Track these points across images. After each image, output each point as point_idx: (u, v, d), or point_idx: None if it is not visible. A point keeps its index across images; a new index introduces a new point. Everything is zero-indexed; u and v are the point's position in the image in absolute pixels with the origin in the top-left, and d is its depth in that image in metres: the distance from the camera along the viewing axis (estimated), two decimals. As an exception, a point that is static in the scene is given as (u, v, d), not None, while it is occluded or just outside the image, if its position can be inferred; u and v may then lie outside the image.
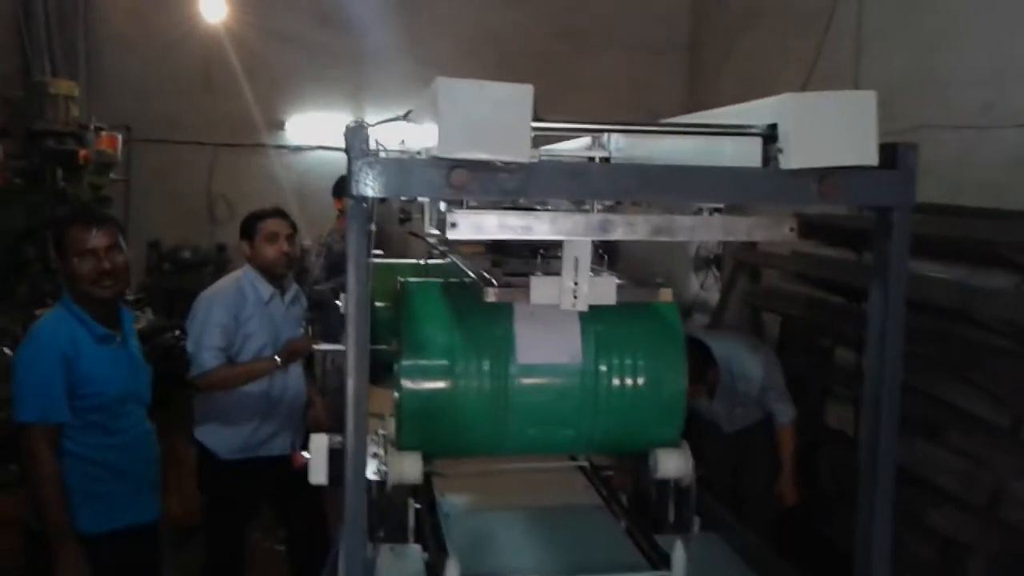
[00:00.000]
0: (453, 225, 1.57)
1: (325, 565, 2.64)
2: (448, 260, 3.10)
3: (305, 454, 2.10)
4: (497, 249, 2.88)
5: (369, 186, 1.49)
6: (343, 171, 1.54)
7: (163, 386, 4.28)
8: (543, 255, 2.73)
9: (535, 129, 1.49)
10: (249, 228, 3.73)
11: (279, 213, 3.80)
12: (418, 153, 1.77)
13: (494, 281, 2.13)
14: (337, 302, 3.54)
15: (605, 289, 1.99)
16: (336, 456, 2.07)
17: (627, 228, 1.65)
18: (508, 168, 1.48)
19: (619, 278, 2.07)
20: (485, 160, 1.44)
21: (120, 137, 5.78)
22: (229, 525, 3.73)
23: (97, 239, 2.88)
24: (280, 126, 7.99)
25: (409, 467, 2.50)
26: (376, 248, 1.75)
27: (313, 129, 7.97)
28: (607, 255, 1.98)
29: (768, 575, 2.55)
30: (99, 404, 2.85)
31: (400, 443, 2.55)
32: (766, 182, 1.55)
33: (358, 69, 7.73)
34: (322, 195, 6.53)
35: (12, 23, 6.81)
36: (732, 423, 3.82)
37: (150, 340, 4.48)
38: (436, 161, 1.47)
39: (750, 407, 3.82)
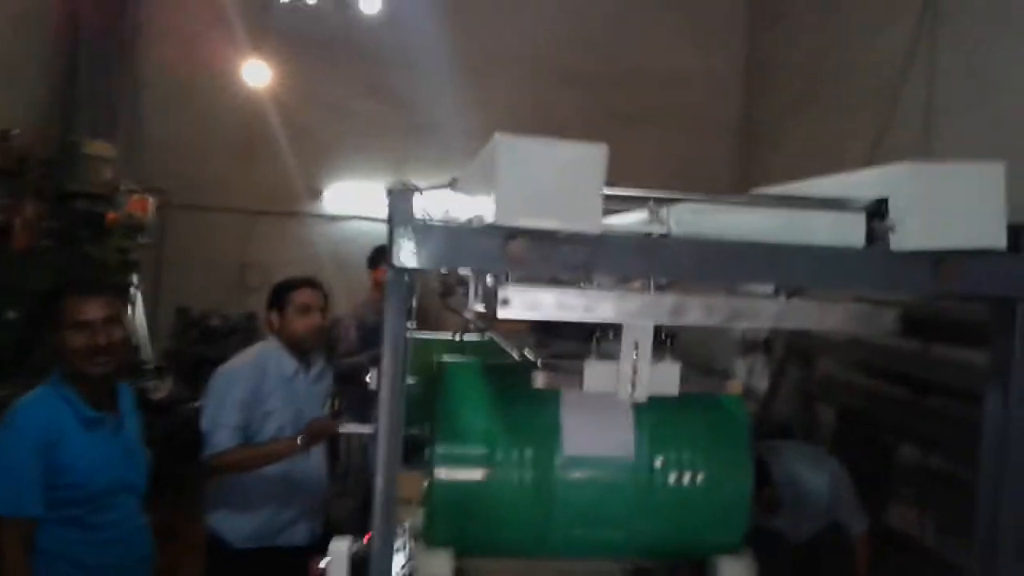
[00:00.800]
0: (505, 302, 1.41)
1: None
2: (486, 337, 2.91)
3: (323, 563, 1.87)
4: (542, 328, 2.69)
5: (413, 255, 1.31)
6: (380, 241, 1.36)
7: (178, 463, 4.10)
8: (596, 336, 2.53)
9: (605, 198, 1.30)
10: (279, 298, 3.55)
11: (312, 283, 3.62)
12: (468, 222, 1.59)
13: (540, 364, 1.92)
14: (368, 378, 3.34)
15: (667, 378, 1.79)
16: (358, 563, 1.84)
17: (703, 312, 1.48)
18: (573, 240, 1.29)
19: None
20: (547, 230, 1.26)
21: (152, 200, 5.72)
22: None
23: (93, 310, 2.64)
24: (318, 195, 7.96)
25: (439, 566, 2.26)
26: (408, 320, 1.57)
27: (352, 198, 7.94)
28: (670, 340, 1.78)
29: None
30: (80, 497, 2.56)
31: (430, 538, 2.32)
32: (873, 264, 1.36)
33: (403, 140, 7.70)
34: (358, 265, 6.40)
35: (56, 82, 6.88)
36: (798, 535, 3.55)
37: (169, 411, 4.31)
38: (491, 229, 1.29)
39: (818, 520, 3.55)
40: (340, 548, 1.87)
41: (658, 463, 2.31)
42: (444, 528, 2.32)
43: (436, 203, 1.82)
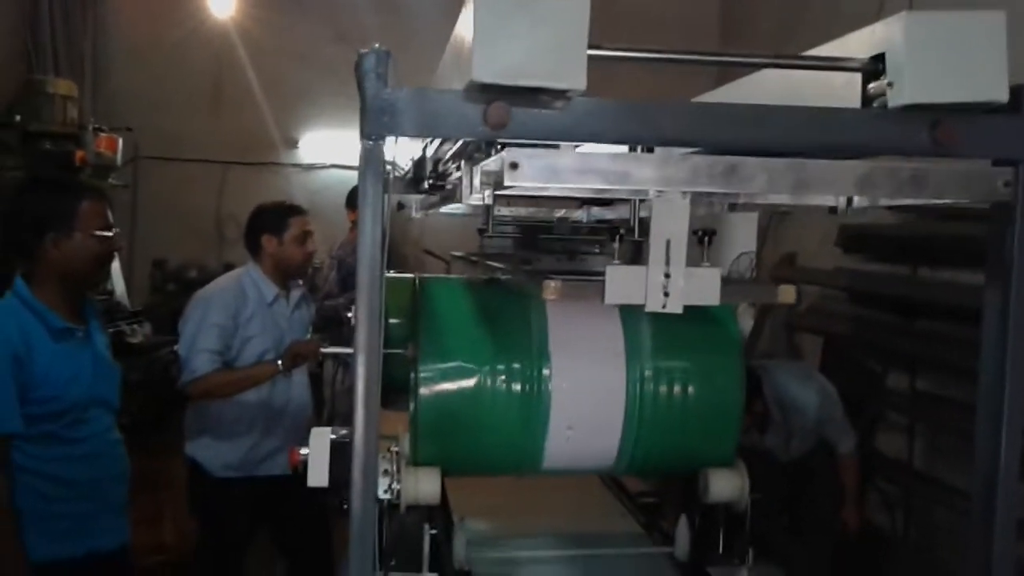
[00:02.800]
0: (514, 166, 1.23)
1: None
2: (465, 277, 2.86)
3: (303, 450, 1.81)
4: (527, 246, 2.63)
5: (386, 124, 1.24)
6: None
7: (158, 405, 4.05)
8: (619, 235, 2.49)
9: (590, 57, 1.23)
10: (278, 223, 3.44)
11: (304, 211, 3.59)
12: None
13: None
14: (349, 315, 3.28)
15: (707, 285, 1.56)
16: (339, 454, 1.77)
17: (765, 177, 1.30)
18: (556, 102, 1.22)
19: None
20: (529, 88, 1.19)
21: (120, 140, 5.57)
22: (221, 552, 3.38)
23: (108, 216, 2.58)
24: (293, 144, 7.84)
25: (425, 484, 2.22)
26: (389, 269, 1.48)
27: (327, 147, 7.80)
28: (708, 239, 1.62)
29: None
30: (54, 411, 2.46)
31: (416, 458, 2.28)
32: (869, 124, 1.30)
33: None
34: (336, 213, 6.31)
35: (20, 34, 6.69)
36: (788, 454, 3.54)
37: (147, 354, 4.24)
38: (471, 94, 1.22)
39: (807, 438, 3.54)
40: (322, 436, 1.81)
41: (649, 374, 2.27)
42: (430, 447, 2.28)
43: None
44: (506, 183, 1.23)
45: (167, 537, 4.05)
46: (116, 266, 5.98)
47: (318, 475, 1.75)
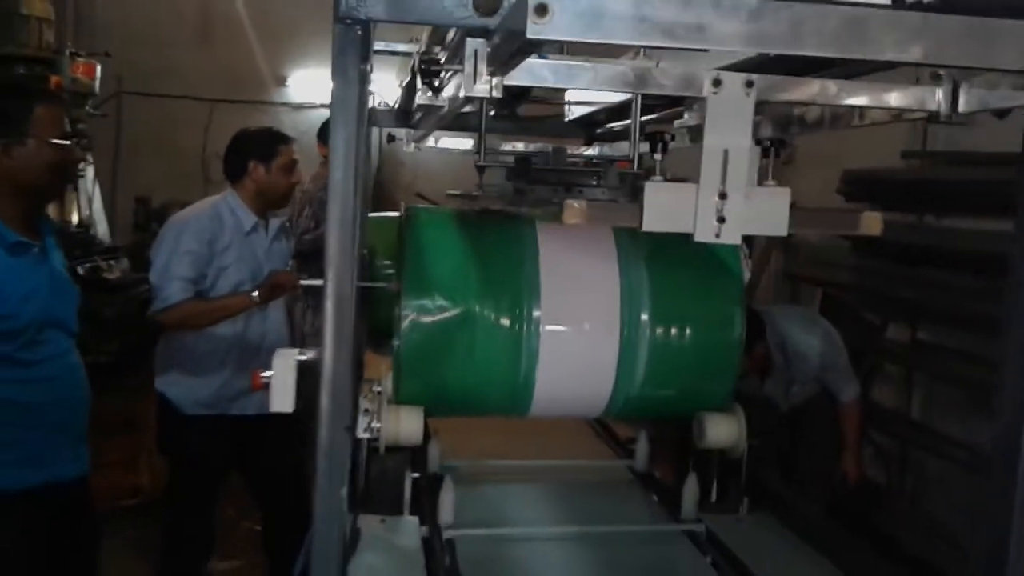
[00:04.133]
0: (542, 11, 0.93)
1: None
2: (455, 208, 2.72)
3: (266, 373, 1.68)
4: (523, 179, 2.49)
5: (357, 5, 1.09)
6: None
7: (134, 343, 3.91)
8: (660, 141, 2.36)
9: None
10: (267, 149, 3.25)
11: (292, 139, 3.41)
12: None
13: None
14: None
15: (772, 210, 1.26)
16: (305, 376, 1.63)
17: (903, 37, 0.98)
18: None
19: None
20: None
21: (99, 67, 5.34)
22: (193, 492, 3.23)
23: (65, 123, 2.43)
24: (283, 82, 7.62)
25: (408, 424, 2.12)
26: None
27: (319, 86, 7.59)
28: (775, 149, 1.31)
29: (832, 557, 2.18)
30: (11, 329, 2.31)
31: (398, 396, 2.16)
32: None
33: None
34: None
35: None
36: (788, 401, 3.43)
37: (124, 291, 4.09)
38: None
39: (808, 385, 3.43)
40: (287, 357, 1.67)
41: (644, 314, 2.15)
42: (413, 384, 2.16)
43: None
44: (529, 35, 0.93)
45: (143, 479, 3.94)
46: (98, 202, 5.81)
47: (281, 399, 1.60)
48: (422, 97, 2.10)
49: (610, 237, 2.24)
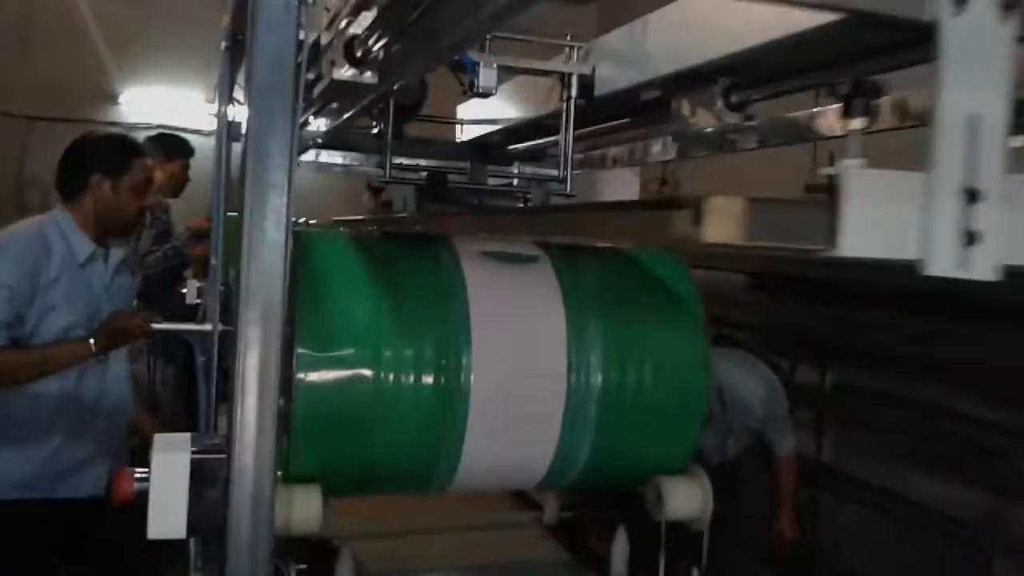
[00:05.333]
0: None
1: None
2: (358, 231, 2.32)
3: (139, 473, 1.20)
4: (432, 195, 2.12)
5: None
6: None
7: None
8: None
9: None
10: (117, 162, 2.67)
11: (147, 152, 2.87)
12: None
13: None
14: (185, 283, 2.65)
15: None
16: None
17: None
18: None
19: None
20: None
21: None
22: None
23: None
24: (114, 99, 6.93)
25: (303, 507, 1.69)
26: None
27: (156, 105, 6.96)
28: None
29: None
30: None
31: (289, 471, 1.73)
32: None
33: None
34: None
35: None
36: (722, 455, 3.15)
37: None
38: None
39: (744, 436, 3.17)
40: (174, 449, 1.20)
41: (595, 356, 1.81)
42: (310, 456, 1.74)
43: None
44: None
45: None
46: None
47: (169, 520, 1.13)
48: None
49: (546, 261, 1.90)
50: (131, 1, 6.64)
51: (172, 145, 4.65)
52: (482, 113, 2.67)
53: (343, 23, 1.17)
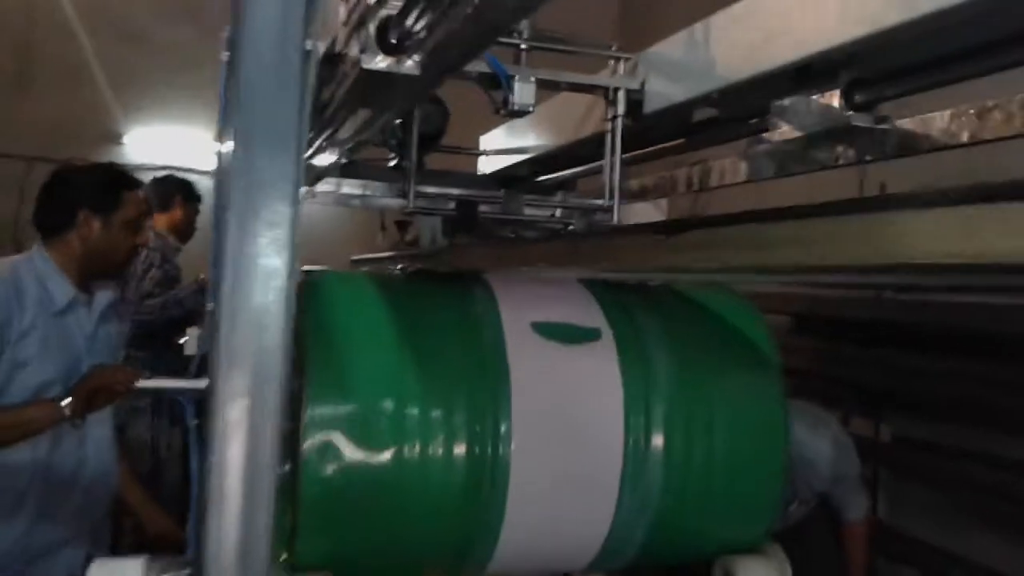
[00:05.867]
0: None
1: None
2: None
3: None
4: (462, 226, 1.86)
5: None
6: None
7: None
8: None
9: None
10: (107, 196, 2.35)
11: (141, 183, 2.58)
12: None
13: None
14: (181, 337, 2.35)
15: None
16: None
17: None
18: None
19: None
20: None
21: None
22: None
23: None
24: (117, 140, 6.75)
25: (314, 604, 1.42)
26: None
27: (161, 145, 6.79)
28: None
29: None
30: None
31: (297, 556, 1.46)
32: None
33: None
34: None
35: None
36: (786, 520, 2.83)
37: None
38: None
39: (809, 500, 2.86)
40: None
41: (657, 419, 1.54)
42: (319, 542, 1.48)
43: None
44: None
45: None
46: None
47: None
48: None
49: (595, 307, 1.63)
50: (134, 38, 6.48)
51: (172, 186, 4.40)
52: (510, 143, 2.44)
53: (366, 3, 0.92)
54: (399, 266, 2.07)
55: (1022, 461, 3.12)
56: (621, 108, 1.84)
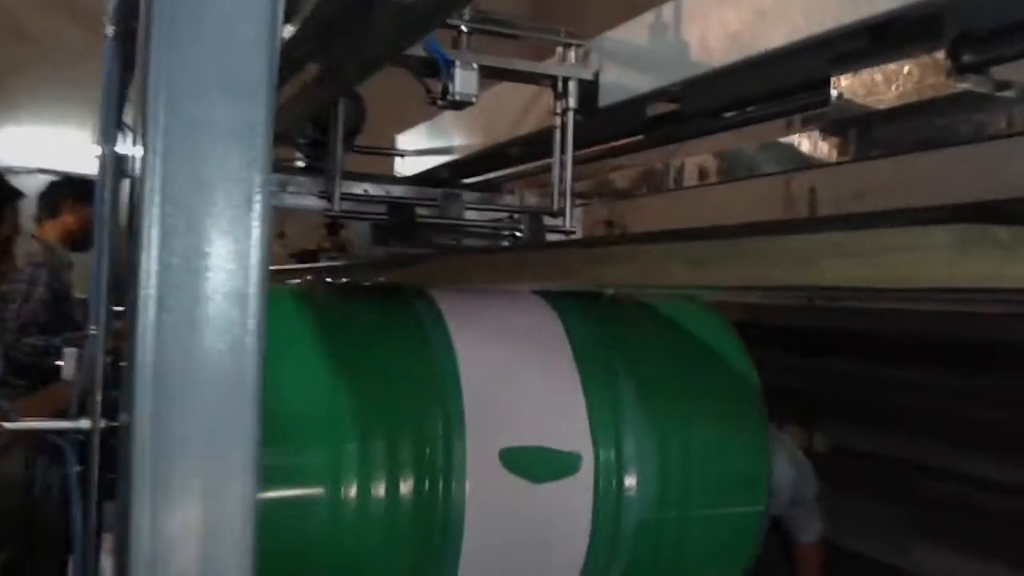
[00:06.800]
0: None
1: None
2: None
3: None
4: (397, 232, 1.63)
5: None
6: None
7: None
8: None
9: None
10: None
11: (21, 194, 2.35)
12: None
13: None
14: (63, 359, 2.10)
15: None
16: None
17: None
18: None
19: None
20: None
21: None
22: None
23: None
24: (-15, 140, 6.30)
25: None
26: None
27: (34, 147, 6.36)
28: None
29: None
30: None
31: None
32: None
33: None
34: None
35: None
36: None
37: None
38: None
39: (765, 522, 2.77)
40: None
41: (629, 453, 1.35)
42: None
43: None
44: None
45: None
46: None
47: None
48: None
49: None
50: (16, 34, 6.03)
51: (60, 188, 3.90)
52: (433, 143, 2.23)
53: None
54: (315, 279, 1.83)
55: (963, 471, 3.08)
56: (572, 101, 1.65)
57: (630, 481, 1.35)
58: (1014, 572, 2.97)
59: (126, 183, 2.06)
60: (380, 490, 1.22)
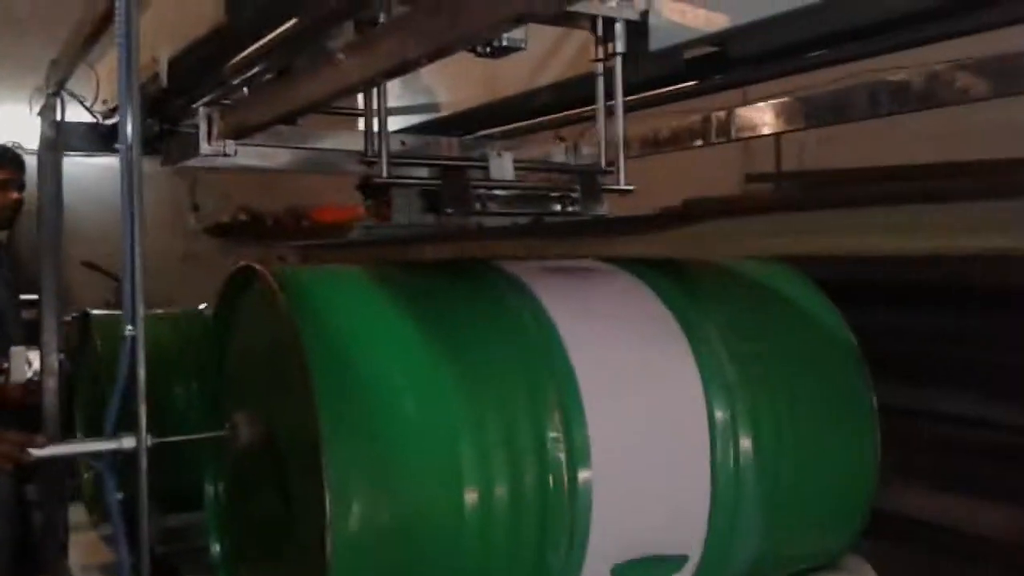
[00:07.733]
0: None
1: None
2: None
3: None
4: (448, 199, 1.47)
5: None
6: None
7: None
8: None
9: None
10: None
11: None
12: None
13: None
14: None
15: None
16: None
17: None
18: None
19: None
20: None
21: None
22: None
23: None
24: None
25: None
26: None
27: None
28: None
29: None
30: None
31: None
32: None
33: (52, 36, 5.40)
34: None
35: None
36: None
37: None
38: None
39: None
40: None
41: (745, 436, 1.28)
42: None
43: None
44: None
45: None
46: None
47: None
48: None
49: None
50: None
51: None
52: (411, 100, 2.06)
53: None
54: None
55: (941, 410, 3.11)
56: (620, 44, 1.51)
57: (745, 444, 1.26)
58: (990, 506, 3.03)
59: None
60: (495, 491, 1.10)
